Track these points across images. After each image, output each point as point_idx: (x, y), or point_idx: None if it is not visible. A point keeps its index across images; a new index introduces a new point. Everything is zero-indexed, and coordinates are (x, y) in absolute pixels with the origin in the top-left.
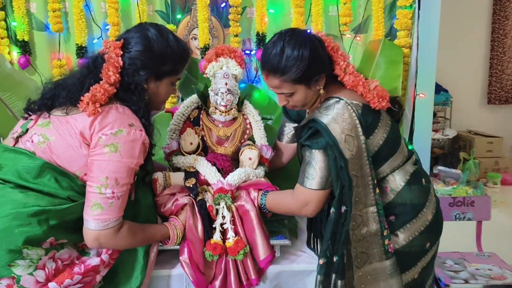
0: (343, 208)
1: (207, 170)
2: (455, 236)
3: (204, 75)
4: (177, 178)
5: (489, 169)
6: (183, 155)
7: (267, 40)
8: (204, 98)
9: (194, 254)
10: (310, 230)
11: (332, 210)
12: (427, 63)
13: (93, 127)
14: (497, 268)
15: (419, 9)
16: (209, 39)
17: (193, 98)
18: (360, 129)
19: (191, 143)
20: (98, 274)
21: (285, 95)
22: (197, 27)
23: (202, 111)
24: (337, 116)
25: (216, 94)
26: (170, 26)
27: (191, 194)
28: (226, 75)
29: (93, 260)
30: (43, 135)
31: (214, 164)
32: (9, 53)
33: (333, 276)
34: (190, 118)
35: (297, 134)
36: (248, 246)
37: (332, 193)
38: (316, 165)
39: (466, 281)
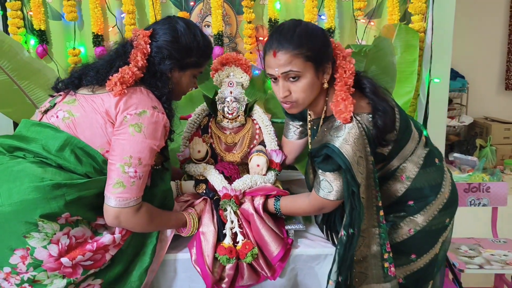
0: (350, 231)
1: (214, 178)
2: (470, 222)
3: (214, 83)
4: (188, 186)
5: (506, 156)
6: (194, 162)
7: None
8: (214, 106)
9: (206, 247)
10: (324, 224)
11: (342, 232)
12: (443, 48)
13: (119, 107)
14: None
15: None
16: (222, 26)
17: (204, 106)
18: (368, 149)
19: (199, 151)
20: (108, 252)
21: (291, 77)
22: (210, 14)
23: (211, 119)
24: (348, 136)
25: (222, 103)
26: (183, 14)
27: (209, 197)
28: (231, 83)
29: (105, 238)
30: (68, 111)
31: (222, 173)
32: (25, 42)
33: None
34: (200, 126)
35: (310, 155)
36: (256, 247)
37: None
38: (331, 182)
39: (481, 267)
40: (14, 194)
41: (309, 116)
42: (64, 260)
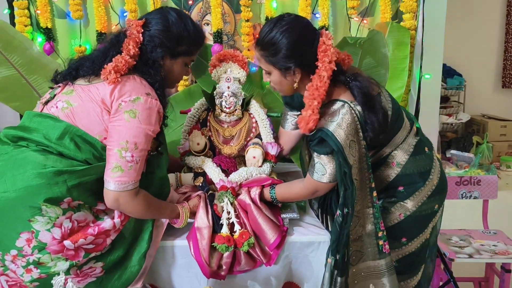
0: (345, 210)
1: (212, 171)
2: (461, 215)
3: (212, 79)
4: (187, 178)
5: (502, 152)
6: (194, 154)
7: None
8: (212, 100)
9: (201, 242)
10: (320, 207)
11: (338, 212)
12: (434, 45)
13: (113, 94)
14: (502, 245)
15: None
16: (222, 24)
17: (203, 100)
18: (361, 134)
19: (198, 144)
20: (109, 237)
21: (264, 71)
22: (209, 13)
23: (210, 113)
24: (342, 121)
25: (220, 97)
26: None
27: (203, 191)
28: (228, 79)
29: (106, 224)
30: (67, 101)
31: (219, 166)
32: (32, 40)
33: (335, 272)
34: (199, 120)
35: (306, 139)
36: (253, 237)
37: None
38: (325, 165)
39: (471, 256)
40: (18, 180)
41: None
42: (67, 243)
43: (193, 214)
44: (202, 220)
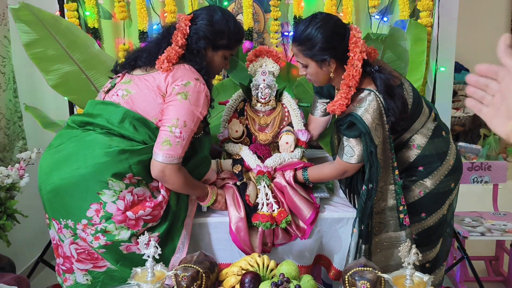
0: (370, 186)
1: (249, 158)
2: (472, 200)
3: (249, 73)
4: (226, 164)
5: (509, 144)
6: (232, 141)
7: None
8: (248, 92)
9: (239, 235)
10: (347, 187)
11: (363, 187)
12: (448, 40)
13: (167, 80)
14: (511, 224)
15: None
16: (252, 23)
17: (240, 92)
18: (384, 118)
19: (236, 131)
20: (162, 209)
21: (301, 65)
22: (241, 12)
23: (246, 103)
24: (369, 107)
25: (256, 89)
26: None
27: (237, 181)
28: (264, 72)
29: (159, 197)
30: (126, 89)
31: (255, 153)
32: None
33: (360, 241)
34: (237, 110)
35: (336, 124)
36: (290, 215)
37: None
38: (353, 147)
39: (483, 234)
40: (88, 158)
41: (337, 91)
42: (129, 213)
43: (216, 199)
44: (234, 216)
